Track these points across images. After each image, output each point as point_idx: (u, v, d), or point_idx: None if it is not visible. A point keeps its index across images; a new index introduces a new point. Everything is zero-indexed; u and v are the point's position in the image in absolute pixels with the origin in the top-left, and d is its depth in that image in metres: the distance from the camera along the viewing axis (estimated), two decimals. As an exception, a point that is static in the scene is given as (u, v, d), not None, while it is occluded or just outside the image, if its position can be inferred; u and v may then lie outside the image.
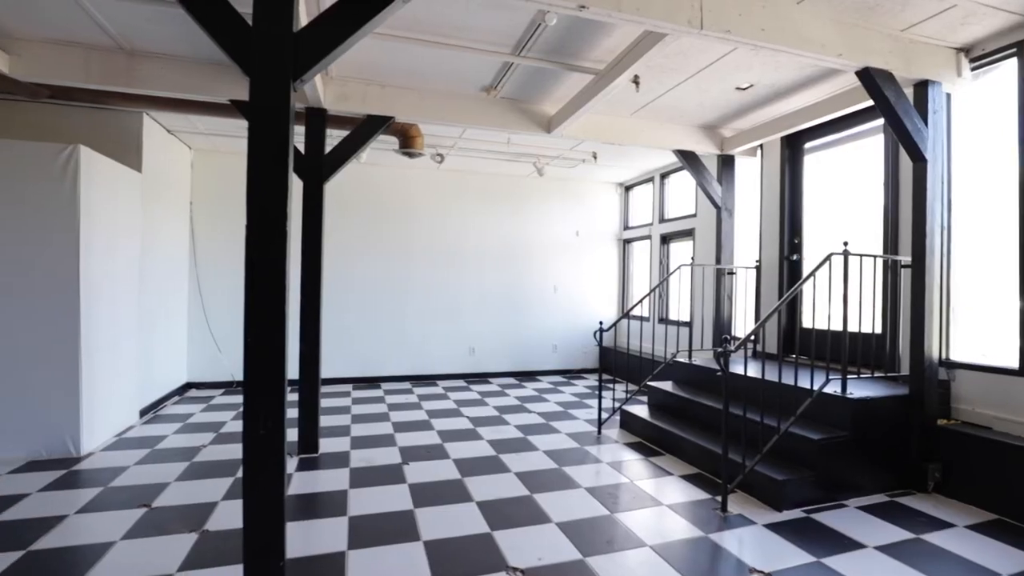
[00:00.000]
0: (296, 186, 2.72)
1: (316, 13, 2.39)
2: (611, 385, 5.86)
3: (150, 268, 4.47)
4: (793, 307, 4.35)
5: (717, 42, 2.75)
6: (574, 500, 2.89)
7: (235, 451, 3.59)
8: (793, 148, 4.50)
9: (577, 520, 2.63)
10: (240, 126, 4.58)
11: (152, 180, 4.45)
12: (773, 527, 2.57)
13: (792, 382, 2.99)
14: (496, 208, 6.63)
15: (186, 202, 5.36)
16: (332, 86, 3.61)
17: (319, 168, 3.40)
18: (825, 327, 3.27)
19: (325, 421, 4.31)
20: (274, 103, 1.74)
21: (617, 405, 4.56)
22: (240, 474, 3.18)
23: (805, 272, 4.33)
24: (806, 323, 4.31)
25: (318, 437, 3.54)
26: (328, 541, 2.40)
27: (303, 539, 2.40)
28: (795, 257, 4.42)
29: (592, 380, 6.47)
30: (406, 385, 6.00)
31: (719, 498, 2.83)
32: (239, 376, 5.63)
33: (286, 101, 1.76)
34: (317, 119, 3.48)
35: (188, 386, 5.45)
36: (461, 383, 6.17)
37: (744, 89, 3.81)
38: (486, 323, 6.55)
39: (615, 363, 6.50)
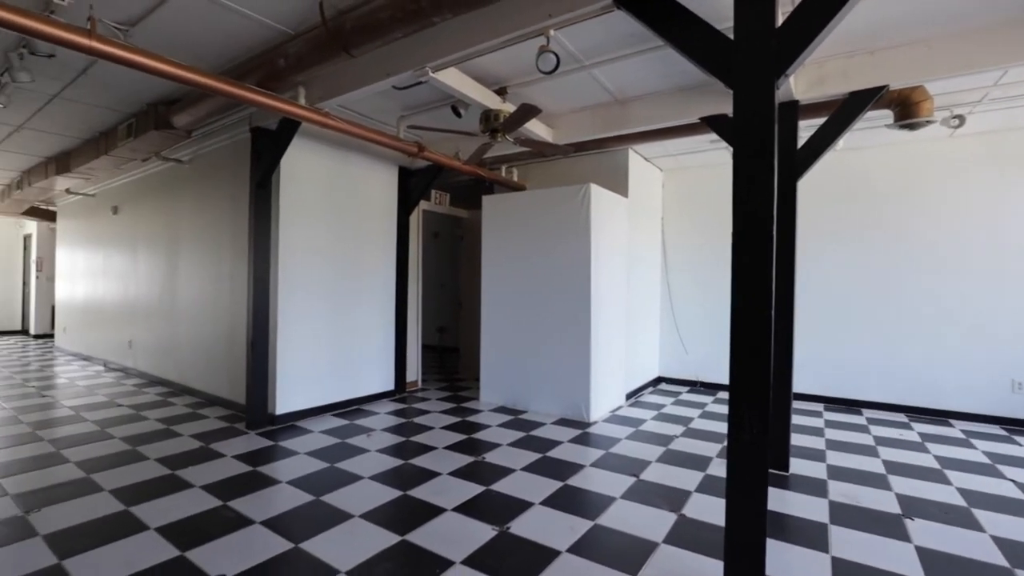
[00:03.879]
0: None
1: (791, 6, 2.23)
2: None
3: (633, 276, 5.35)
4: None
5: None
6: None
7: (702, 447, 3.80)
8: None
9: None
10: (703, 141, 4.87)
11: (634, 203, 5.31)
12: None
13: None
14: (1064, 176, 4.41)
15: (658, 218, 6.14)
16: (804, 74, 3.30)
17: (791, 165, 3.17)
18: None
19: (795, 439, 3.97)
20: (757, 107, 1.71)
21: None
22: (710, 470, 3.33)
23: None
24: None
25: (788, 455, 3.28)
26: (806, 574, 2.16)
27: (778, 560, 2.26)
28: None
29: None
30: (899, 417, 4.80)
31: None
32: (703, 377, 5.96)
33: (769, 103, 1.70)
34: (788, 114, 3.26)
35: (659, 380, 6.20)
36: (996, 429, 4.42)
37: None
38: (1043, 347, 4.45)
39: None
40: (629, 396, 5.29)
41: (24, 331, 11.00)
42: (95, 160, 5.45)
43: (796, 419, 4.62)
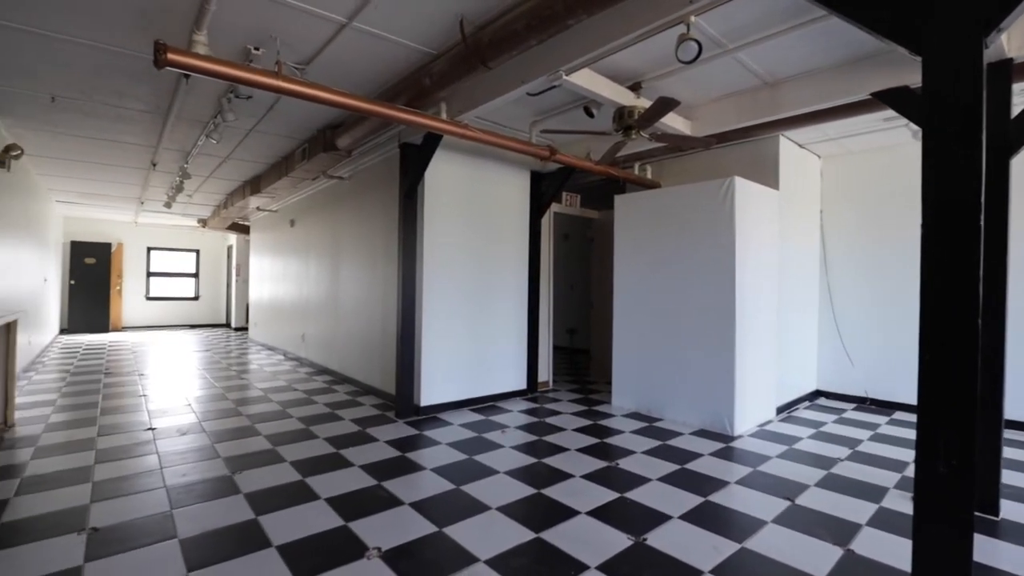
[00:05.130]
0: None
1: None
2: None
3: (784, 277, 4.81)
4: None
5: None
6: None
7: (875, 475, 3.28)
8: None
9: None
10: (875, 120, 4.21)
11: (786, 195, 4.78)
12: None
13: None
14: None
15: (815, 210, 5.45)
16: (1021, 24, 2.68)
17: (1003, 140, 2.59)
18: None
19: (1007, 477, 3.24)
20: (959, 71, 1.42)
21: None
22: (886, 502, 2.86)
23: None
24: None
25: (998, 495, 2.68)
26: (1032, 646, 1.74)
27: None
28: None
29: None
30: None
31: None
32: (872, 393, 5.16)
33: (975, 64, 1.40)
34: (999, 76, 2.67)
35: (817, 394, 5.50)
36: None
37: None
38: None
39: None
40: (780, 410, 4.77)
41: (227, 325, 13.39)
42: (278, 181, 6.44)
43: (1008, 452, 3.76)
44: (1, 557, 2.21)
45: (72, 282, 11.20)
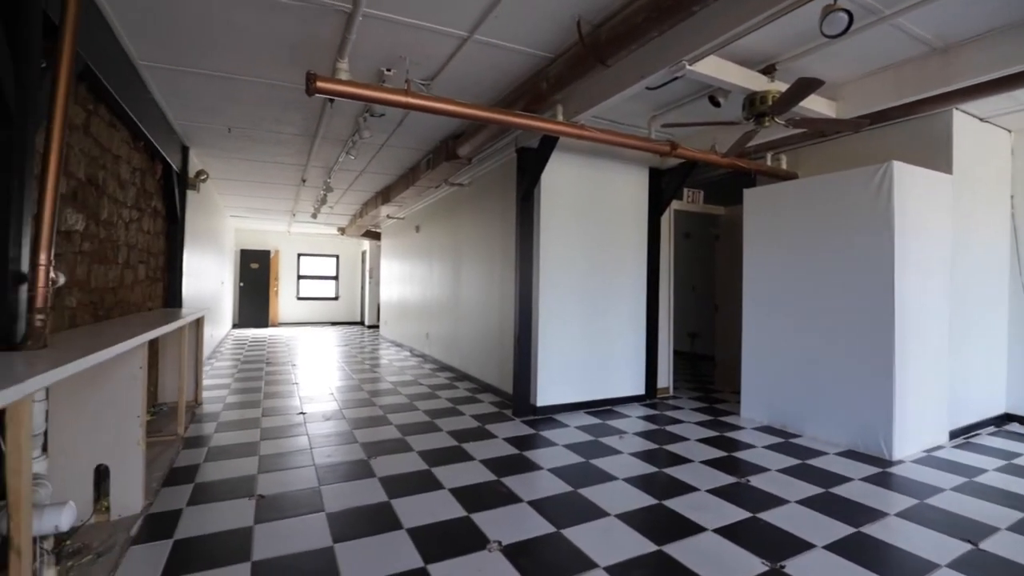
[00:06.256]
0: None
1: None
2: None
3: (961, 277, 4.07)
4: None
5: None
6: None
7: (1097, 523, 2.63)
8: None
9: None
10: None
11: (962, 179, 4.04)
12: None
13: None
14: None
15: (1003, 197, 4.53)
16: None
17: None
18: None
19: None
20: None
21: None
22: (1114, 560, 2.28)
23: None
24: None
25: None
26: None
27: None
28: None
29: None
30: None
31: None
32: (1088, 420, 4.15)
33: None
34: None
35: (1007, 418, 4.55)
36: None
37: None
38: None
39: None
40: (955, 435, 4.04)
41: (361, 323, 14.76)
42: (405, 191, 6.95)
43: None
44: (196, 511, 2.66)
45: (241, 284, 13.15)
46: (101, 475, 2.46)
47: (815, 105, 3.70)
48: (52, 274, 1.98)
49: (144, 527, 2.47)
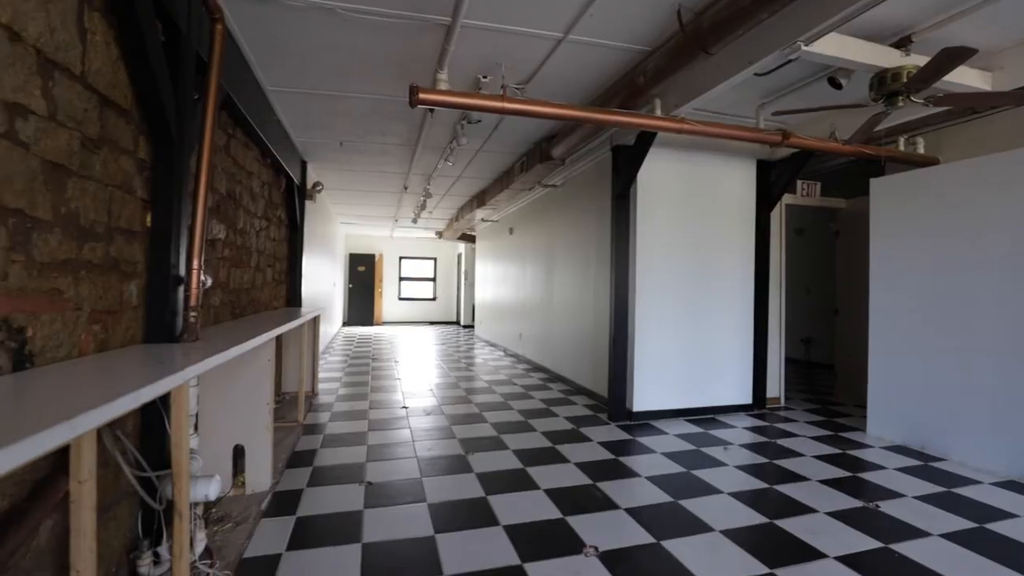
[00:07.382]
0: None
1: None
2: None
3: None
4: None
5: None
6: None
7: None
8: None
9: None
10: None
11: None
12: None
13: None
14: None
15: None
16: None
17: None
18: None
19: None
20: None
21: None
22: None
23: None
24: None
25: None
26: None
27: None
28: None
29: None
30: None
31: None
32: None
33: None
34: None
35: None
36: None
37: None
38: None
39: None
40: None
41: (457, 322, 15.32)
42: (500, 194, 7.09)
43: None
44: (314, 491, 2.91)
45: (350, 286, 14.25)
46: (238, 454, 2.79)
47: (963, 78, 3.21)
48: (202, 277, 2.27)
49: (272, 503, 2.76)
